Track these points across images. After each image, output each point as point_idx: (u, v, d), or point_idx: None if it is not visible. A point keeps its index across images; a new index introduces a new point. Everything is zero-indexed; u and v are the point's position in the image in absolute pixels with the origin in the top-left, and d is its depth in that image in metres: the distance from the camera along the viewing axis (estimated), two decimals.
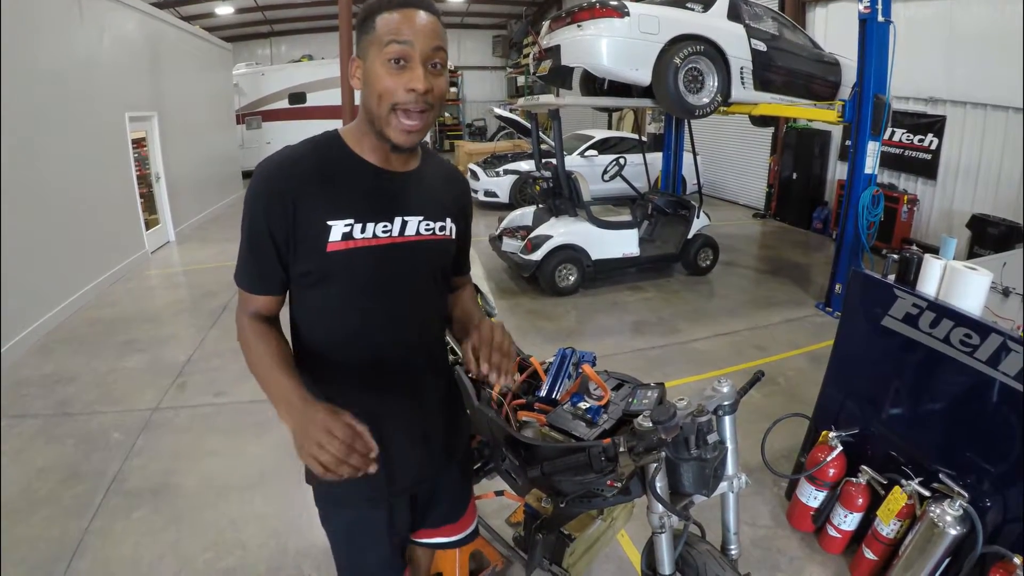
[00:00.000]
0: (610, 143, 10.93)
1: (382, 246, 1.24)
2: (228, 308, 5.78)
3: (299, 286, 1.26)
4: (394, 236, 1.26)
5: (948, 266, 2.30)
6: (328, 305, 1.26)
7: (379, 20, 1.13)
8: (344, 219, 1.20)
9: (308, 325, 1.31)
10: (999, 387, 2.05)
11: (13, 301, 4.64)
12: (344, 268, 1.21)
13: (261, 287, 1.25)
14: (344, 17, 9.12)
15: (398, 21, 1.12)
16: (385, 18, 1.13)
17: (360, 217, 1.21)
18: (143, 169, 7.73)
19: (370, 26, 1.14)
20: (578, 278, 6.17)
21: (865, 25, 4.93)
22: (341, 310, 1.26)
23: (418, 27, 1.13)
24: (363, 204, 1.22)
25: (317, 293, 1.25)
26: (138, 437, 3.56)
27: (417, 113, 1.15)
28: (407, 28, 1.12)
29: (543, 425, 1.61)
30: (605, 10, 5.27)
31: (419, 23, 1.13)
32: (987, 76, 6.80)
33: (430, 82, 1.14)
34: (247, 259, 1.24)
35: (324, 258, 1.19)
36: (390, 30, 1.12)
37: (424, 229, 1.30)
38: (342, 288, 1.24)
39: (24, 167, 4.92)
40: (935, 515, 2.12)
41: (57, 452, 3.40)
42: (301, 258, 1.20)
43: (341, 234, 1.19)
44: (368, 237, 1.22)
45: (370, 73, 1.15)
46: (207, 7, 16.40)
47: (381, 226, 1.24)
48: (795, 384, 4.21)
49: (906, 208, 7.67)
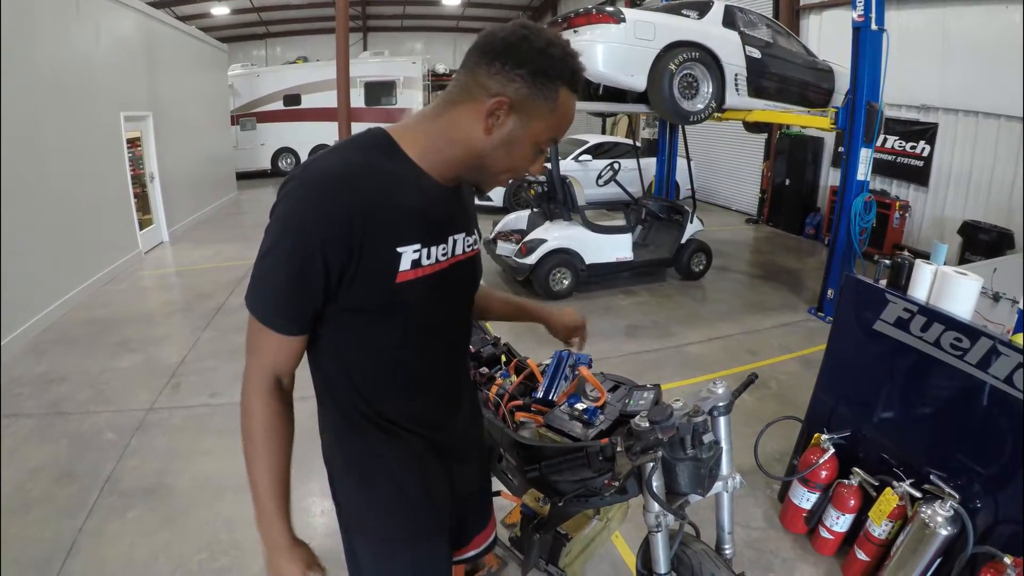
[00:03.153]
0: (604, 148, 10.98)
1: (442, 270, 1.12)
2: (222, 310, 5.77)
3: (341, 322, 1.07)
4: (449, 258, 1.14)
5: (939, 271, 2.34)
6: (379, 338, 1.10)
7: (562, 97, 1.01)
8: (412, 244, 1.04)
9: (351, 362, 1.12)
10: (989, 390, 2.08)
11: (6, 300, 4.61)
12: (407, 300, 1.06)
13: (299, 326, 1.04)
14: (341, 20, 9.11)
15: (570, 113, 1.04)
16: (567, 100, 1.02)
17: (427, 241, 1.07)
18: (137, 169, 7.70)
19: (551, 92, 1.00)
20: (572, 282, 6.19)
21: (859, 33, 4.99)
22: (394, 342, 1.11)
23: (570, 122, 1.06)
24: (428, 226, 1.08)
25: (368, 328, 1.08)
26: (132, 437, 3.54)
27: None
28: (568, 124, 1.05)
29: (540, 426, 1.63)
30: (601, 16, 5.32)
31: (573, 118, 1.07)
32: (979, 84, 6.89)
33: None
34: (283, 292, 1.00)
35: (391, 291, 1.04)
36: (563, 122, 1.04)
37: (467, 246, 1.21)
38: (403, 321, 1.09)
39: (18, 165, 4.90)
40: (926, 516, 2.14)
41: (50, 452, 3.38)
42: (359, 291, 1.02)
43: (411, 262, 1.04)
44: (432, 263, 1.09)
45: (519, 143, 1.04)
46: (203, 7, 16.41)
47: (441, 248, 1.11)
48: (787, 388, 4.24)
49: (898, 214, 7.75)
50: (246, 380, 1.08)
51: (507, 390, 1.79)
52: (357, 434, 1.18)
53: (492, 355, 2.03)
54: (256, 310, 1.03)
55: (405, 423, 1.19)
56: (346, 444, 1.21)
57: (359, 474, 1.22)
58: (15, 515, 2.84)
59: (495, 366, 2.00)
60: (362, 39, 20.86)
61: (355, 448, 1.20)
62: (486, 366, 1.99)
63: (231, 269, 7.07)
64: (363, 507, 1.24)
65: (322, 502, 2.87)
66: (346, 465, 1.23)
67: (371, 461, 1.20)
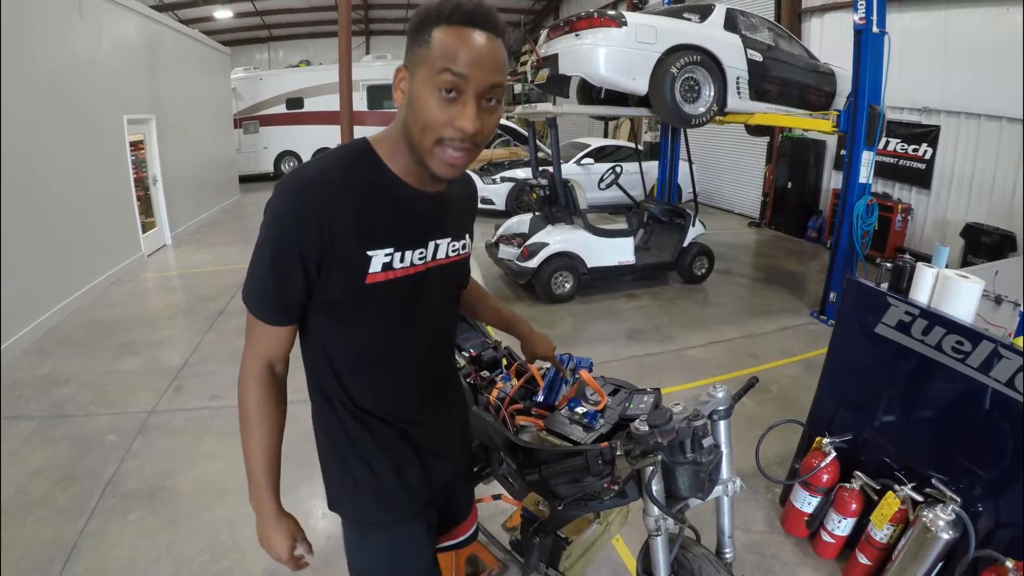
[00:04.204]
0: (606, 151, 10.99)
1: (417, 273, 1.17)
2: (224, 312, 5.78)
3: (321, 315, 1.15)
4: (427, 262, 1.19)
5: (940, 274, 2.33)
6: (356, 334, 1.17)
7: (436, 35, 0.98)
8: (384, 248, 1.10)
9: (330, 352, 1.19)
10: (991, 393, 2.08)
11: (9, 302, 4.63)
12: (380, 299, 1.13)
13: (285, 316, 1.12)
14: (343, 23, 9.13)
15: (456, 44, 0.97)
16: (443, 35, 0.97)
17: (400, 245, 1.12)
18: (140, 172, 7.74)
19: (424, 38, 0.99)
20: (574, 285, 6.19)
21: (860, 36, 4.99)
22: (370, 338, 1.18)
23: (477, 55, 0.98)
24: (402, 231, 1.13)
25: (344, 323, 1.15)
26: (134, 439, 3.55)
27: (463, 149, 1.04)
28: (465, 55, 0.97)
29: (541, 430, 1.63)
30: (603, 20, 5.33)
31: (480, 50, 0.98)
32: (981, 87, 6.87)
33: (482, 121, 1.03)
34: (268, 285, 1.08)
35: (360, 291, 1.10)
36: (446, 54, 0.97)
37: (452, 251, 1.26)
38: (373, 318, 1.15)
39: (22, 168, 4.92)
40: (928, 520, 2.14)
41: (52, 453, 3.39)
42: (332, 288, 1.09)
43: (381, 264, 1.10)
44: (406, 266, 1.14)
45: (417, 97, 1.01)
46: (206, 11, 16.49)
47: (417, 253, 1.16)
48: (789, 391, 4.23)
49: (900, 217, 7.73)
50: (243, 365, 1.17)
51: (508, 394, 1.79)
52: (336, 419, 1.24)
53: (493, 359, 2.03)
54: (249, 303, 1.12)
55: (380, 414, 1.25)
56: (327, 427, 1.27)
57: (337, 457, 1.29)
58: (17, 517, 2.85)
59: (496, 370, 2.00)
60: (365, 43, 20.94)
61: (334, 432, 1.27)
62: (487, 370, 1.99)
63: (233, 272, 7.09)
64: (342, 489, 1.31)
65: (323, 505, 2.87)
66: (327, 448, 1.30)
67: (348, 445, 1.26)
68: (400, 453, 1.29)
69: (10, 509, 2.90)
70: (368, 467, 1.26)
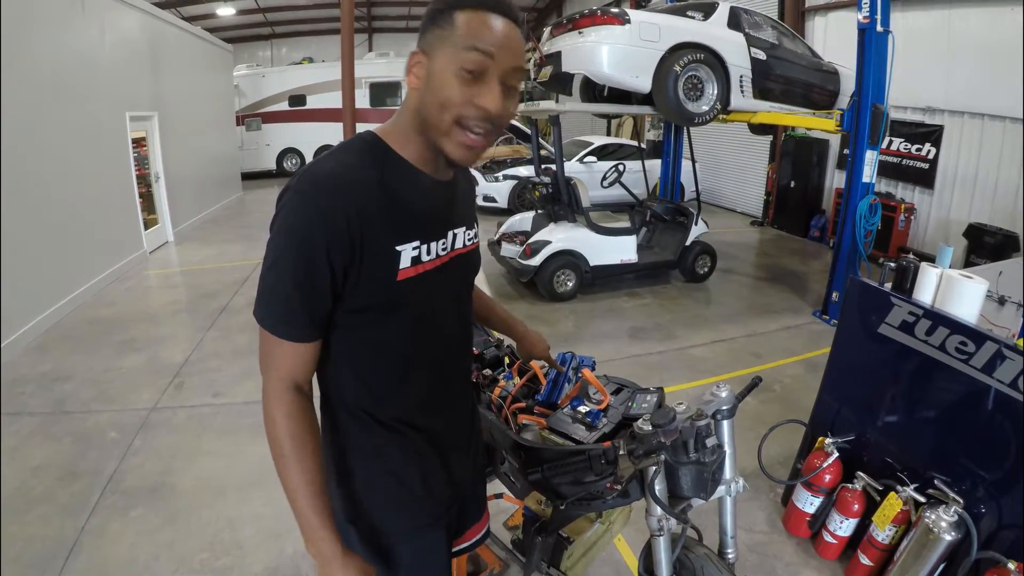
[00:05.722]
0: (609, 149, 10.98)
1: (442, 264, 1.14)
2: (227, 310, 5.79)
3: (347, 323, 1.07)
4: (449, 252, 1.17)
5: (944, 274, 2.32)
6: (387, 335, 1.11)
7: (460, 17, 0.98)
8: (412, 242, 1.07)
9: (357, 361, 1.13)
10: (994, 394, 2.07)
11: (11, 298, 4.63)
12: (411, 296, 1.08)
13: (313, 331, 1.04)
14: (346, 21, 9.13)
15: (483, 25, 0.97)
16: (468, 17, 0.98)
17: (425, 237, 1.10)
18: (142, 169, 7.74)
19: (447, 21, 0.99)
20: (576, 284, 6.18)
21: (864, 35, 4.97)
22: (401, 337, 1.12)
23: (504, 39, 0.98)
24: (425, 222, 1.11)
25: (374, 326, 1.09)
26: (135, 436, 3.55)
27: (482, 131, 1.02)
28: (491, 37, 0.97)
29: (543, 428, 1.63)
30: (606, 17, 5.31)
31: (506, 34, 0.99)
32: (985, 86, 6.85)
33: (505, 105, 1.02)
34: (291, 299, 0.99)
35: (393, 289, 1.05)
36: (473, 33, 0.97)
37: (468, 240, 1.24)
38: (405, 316, 1.10)
39: (24, 165, 4.93)
40: (930, 521, 2.13)
41: (53, 450, 3.39)
42: (362, 291, 1.03)
43: (411, 259, 1.07)
44: (432, 258, 1.12)
45: (437, 76, 0.99)
46: (208, 8, 16.47)
47: (441, 244, 1.14)
48: (791, 391, 4.22)
49: (903, 217, 7.71)
50: (265, 395, 1.06)
51: (510, 392, 1.79)
52: (361, 431, 1.18)
53: (495, 357, 2.02)
54: (267, 322, 1.03)
55: (407, 416, 1.20)
56: (349, 441, 1.20)
57: (361, 470, 1.22)
58: (17, 513, 2.86)
59: (498, 368, 2.00)
60: (367, 40, 20.92)
61: (358, 444, 1.20)
62: (489, 368, 1.98)
63: (235, 269, 7.09)
64: (361, 504, 1.24)
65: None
66: (348, 461, 1.22)
67: (373, 457, 1.20)
68: (426, 458, 1.25)
69: (11, 505, 2.91)
70: (395, 477, 1.22)
